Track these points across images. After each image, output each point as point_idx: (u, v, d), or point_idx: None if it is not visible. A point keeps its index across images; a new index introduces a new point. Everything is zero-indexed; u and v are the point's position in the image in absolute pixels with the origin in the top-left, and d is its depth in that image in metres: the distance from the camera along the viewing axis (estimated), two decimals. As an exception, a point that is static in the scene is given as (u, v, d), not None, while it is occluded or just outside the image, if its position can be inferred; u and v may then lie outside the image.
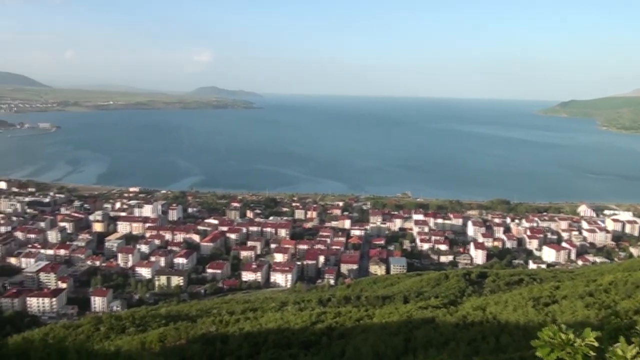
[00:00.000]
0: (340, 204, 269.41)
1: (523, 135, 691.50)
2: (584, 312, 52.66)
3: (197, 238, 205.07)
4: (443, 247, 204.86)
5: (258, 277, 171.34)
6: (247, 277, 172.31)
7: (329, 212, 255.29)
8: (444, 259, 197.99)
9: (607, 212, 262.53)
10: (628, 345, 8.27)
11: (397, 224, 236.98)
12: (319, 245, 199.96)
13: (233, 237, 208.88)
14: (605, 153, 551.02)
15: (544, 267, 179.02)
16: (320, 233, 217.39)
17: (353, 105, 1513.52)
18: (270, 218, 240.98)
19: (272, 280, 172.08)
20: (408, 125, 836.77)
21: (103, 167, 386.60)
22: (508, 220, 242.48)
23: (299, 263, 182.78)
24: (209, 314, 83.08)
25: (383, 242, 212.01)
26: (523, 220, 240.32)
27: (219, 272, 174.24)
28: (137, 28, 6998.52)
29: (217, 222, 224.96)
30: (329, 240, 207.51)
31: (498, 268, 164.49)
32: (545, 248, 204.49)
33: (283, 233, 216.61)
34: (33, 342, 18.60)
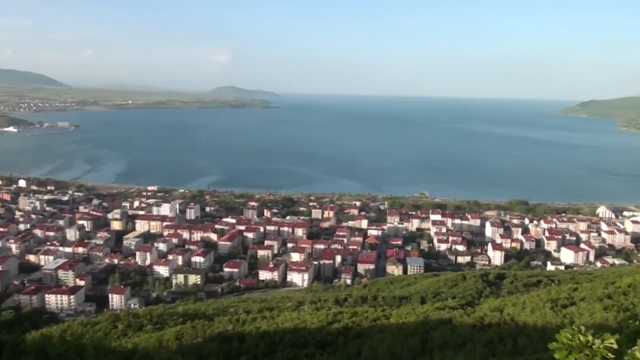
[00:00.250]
0: (357, 204, 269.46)
1: (542, 136, 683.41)
2: (602, 314, 52.09)
3: (214, 237, 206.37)
4: (460, 247, 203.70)
5: (275, 276, 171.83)
6: (264, 276, 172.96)
7: (346, 211, 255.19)
8: (462, 260, 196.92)
9: (626, 213, 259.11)
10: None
11: (414, 224, 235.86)
12: (336, 245, 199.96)
13: (250, 236, 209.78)
14: (625, 154, 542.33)
15: (562, 268, 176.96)
16: (337, 233, 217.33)
17: (367, 105, 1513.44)
18: (288, 217, 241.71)
19: (288, 280, 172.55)
20: (424, 125, 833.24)
21: (121, 165, 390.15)
22: (526, 221, 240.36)
23: (316, 263, 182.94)
24: (226, 313, 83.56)
25: (400, 242, 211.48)
26: (541, 221, 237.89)
27: (236, 271, 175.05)
28: (155, 28, 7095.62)
29: (234, 221, 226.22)
30: (346, 240, 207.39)
31: (516, 269, 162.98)
32: (564, 249, 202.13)
33: (300, 232, 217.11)
34: (51, 338, 18.76)
